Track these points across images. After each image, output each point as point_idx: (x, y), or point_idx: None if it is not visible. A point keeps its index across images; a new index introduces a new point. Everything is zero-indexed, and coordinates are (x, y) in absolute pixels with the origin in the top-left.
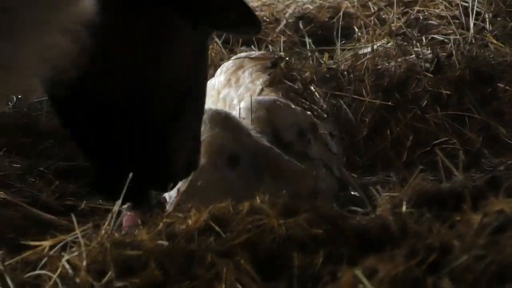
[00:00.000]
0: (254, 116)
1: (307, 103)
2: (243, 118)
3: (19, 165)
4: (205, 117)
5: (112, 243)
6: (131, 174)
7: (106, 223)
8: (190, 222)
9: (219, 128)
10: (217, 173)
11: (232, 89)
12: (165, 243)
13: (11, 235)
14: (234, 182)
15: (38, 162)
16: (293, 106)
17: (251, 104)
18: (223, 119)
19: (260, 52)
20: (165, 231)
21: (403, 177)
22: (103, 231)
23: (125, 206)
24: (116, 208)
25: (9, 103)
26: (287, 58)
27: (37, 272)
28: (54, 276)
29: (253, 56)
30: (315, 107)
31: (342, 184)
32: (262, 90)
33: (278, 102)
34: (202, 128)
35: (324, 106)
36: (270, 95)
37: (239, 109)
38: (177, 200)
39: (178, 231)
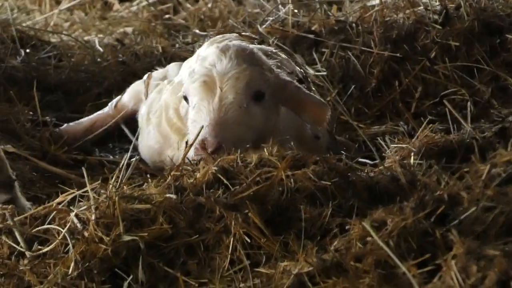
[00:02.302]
0: None
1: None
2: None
3: (28, 117)
4: (230, 52)
5: (120, 197)
6: None
7: (114, 176)
8: (198, 175)
9: (246, 64)
10: (244, 109)
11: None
12: (174, 196)
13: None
14: (259, 116)
15: (46, 114)
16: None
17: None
18: (249, 55)
19: (248, 34)
20: (173, 185)
21: (412, 127)
22: (111, 185)
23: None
24: (124, 161)
25: (18, 57)
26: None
27: (46, 226)
28: (63, 231)
29: (244, 34)
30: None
31: (332, 138)
32: None
33: (276, 51)
34: (227, 63)
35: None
36: None
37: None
38: (187, 151)
39: (186, 185)
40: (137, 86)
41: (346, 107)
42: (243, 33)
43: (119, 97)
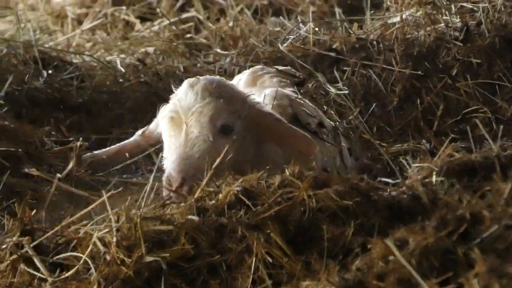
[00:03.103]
0: (276, 103)
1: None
2: (266, 104)
3: (51, 138)
4: (197, 86)
5: (142, 219)
6: None
7: (140, 199)
8: (220, 196)
9: (210, 97)
10: (210, 143)
11: (255, 89)
12: (196, 218)
13: (43, 210)
14: (228, 150)
15: (70, 135)
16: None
17: (276, 93)
18: (216, 88)
19: (288, 68)
20: (195, 206)
21: (434, 146)
22: (133, 207)
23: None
24: (149, 184)
25: (41, 78)
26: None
27: (67, 254)
28: (84, 256)
29: (281, 69)
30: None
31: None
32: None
33: (302, 98)
34: (192, 98)
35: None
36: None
37: (264, 96)
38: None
39: (208, 206)
40: None
41: (368, 126)
42: (282, 68)
43: (147, 126)
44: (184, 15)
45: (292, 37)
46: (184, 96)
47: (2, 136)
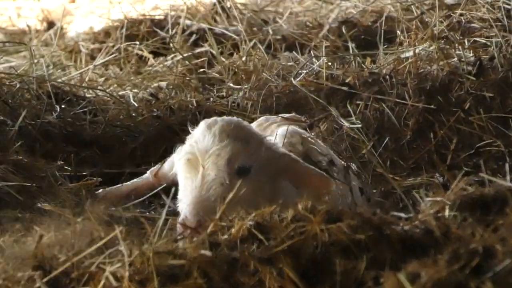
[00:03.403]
0: (286, 141)
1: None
2: (276, 142)
3: (64, 173)
4: (215, 127)
5: (155, 253)
6: None
7: (152, 233)
8: (233, 230)
9: (228, 139)
10: (227, 186)
11: None
12: (208, 252)
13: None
14: (245, 192)
15: (82, 170)
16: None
17: (287, 131)
18: (233, 129)
19: (291, 114)
20: (208, 240)
21: (447, 179)
22: (145, 241)
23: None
24: (162, 218)
25: (54, 112)
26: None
27: None
28: None
29: (285, 116)
30: None
31: None
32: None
33: (314, 137)
34: (209, 140)
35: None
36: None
37: (275, 135)
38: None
39: (221, 240)
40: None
41: (381, 159)
42: (286, 116)
43: (159, 165)
44: (198, 50)
45: (305, 71)
46: (202, 137)
47: (15, 170)
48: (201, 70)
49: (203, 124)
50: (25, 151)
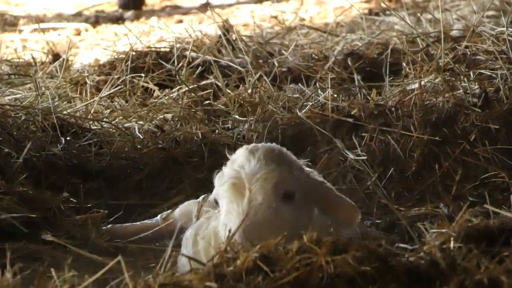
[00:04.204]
0: None
1: None
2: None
3: (69, 205)
4: (259, 152)
5: (160, 285)
6: None
7: (158, 266)
8: (238, 262)
9: (274, 164)
10: (273, 210)
11: None
12: (214, 284)
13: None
14: (289, 217)
15: (87, 202)
16: None
17: None
18: (277, 155)
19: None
20: (213, 272)
21: (452, 210)
22: (151, 273)
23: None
24: (168, 250)
25: (59, 144)
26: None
27: None
28: None
29: None
30: None
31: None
32: None
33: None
34: (256, 164)
35: None
36: None
37: None
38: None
39: (226, 272)
40: (189, 206)
41: (386, 191)
42: None
43: (170, 211)
44: (203, 82)
45: (310, 103)
46: (247, 162)
47: (20, 202)
48: (207, 102)
49: (244, 149)
50: (30, 183)
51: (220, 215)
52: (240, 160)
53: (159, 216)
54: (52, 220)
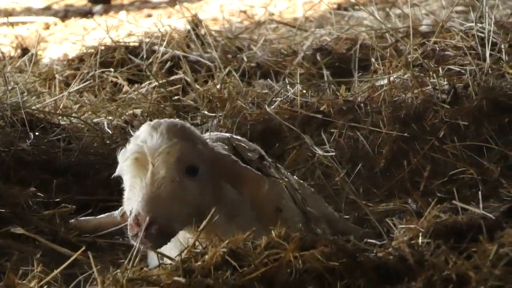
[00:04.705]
0: (214, 138)
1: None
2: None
3: (38, 200)
4: (161, 127)
5: (128, 280)
6: None
7: (126, 261)
8: (207, 257)
9: (177, 138)
10: (177, 184)
11: None
12: (182, 279)
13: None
14: (193, 191)
15: (56, 197)
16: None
17: (210, 133)
18: (180, 130)
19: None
20: (182, 267)
21: (420, 207)
22: (118, 268)
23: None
24: (136, 244)
25: (27, 140)
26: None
27: None
28: None
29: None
30: None
31: (306, 216)
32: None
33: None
34: (158, 138)
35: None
36: None
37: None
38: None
39: (195, 267)
40: None
41: (354, 187)
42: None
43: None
44: (172, 77)
45: (279, 99)
46: (149, 137)
47: None
48: (176, 97)
49: (147, 125)
50: None
51: (124, 190)
52: (142, 136)
53: (119, 210)
54: (21, 215)
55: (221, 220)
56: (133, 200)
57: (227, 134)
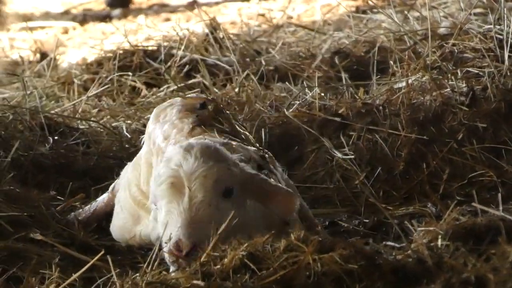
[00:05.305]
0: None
1: (238, 140)
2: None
3: (57, 203)
4: (195, 150)
5: (147, 284)
6: None
7: (145, 264)
8: (226, 260)
9: (212, 161)
10: (214, 207)
11: (158, 125)
12: (201, 282)
13: (48, 275)
14: (229, 213)
15: (75, 201)
16: (239, 144)
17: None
18: (214, 152)
19: (193, 93)
20: (200, 270)
21: (440, 209)
22: (137, 272)
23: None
24: (155, 248)
25: (46, 144)
26: (215, 101)
27: None
28: None
29: (187, 95)
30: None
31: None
32: (193, 128)
33: (227, 143)
34: (194, 162)
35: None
36: (202, 135)
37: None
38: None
39: (214, 270)
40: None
41: (373, 190)
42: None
43: (116, 180)
44: (191, 81)
45: (298, 102)
46: (184, 161)
47: (7, 201)
48: None
49: (178, 148)
50: (18, 182)
51: (159, 215)
52: (176, 159)
53: (110, 188)
54: (39, 219)
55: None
56: (171, 225)
57: (216, 139)
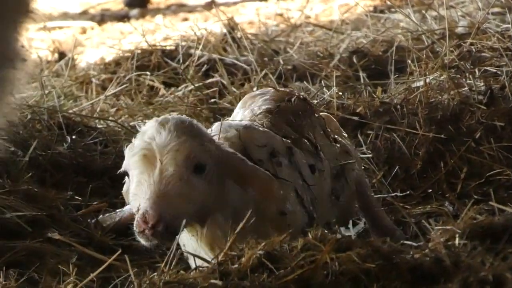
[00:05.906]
0: (222, 136)
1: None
2: (222, 142)
3: (74, 203)
4: (169, 124)
5: (164, 283)
6: None
7: (163, 264)
8: (243, 260)
9: (185, 136)
10: (185, 182)
11: (242, 110)
12: (219, 282)
13: (65, 275)
14: (200, 189)
15: (93, 200)
16: (268, 131)
17: (221, 125)
18: (188, 127)
19: (290, 89)
20: (218, 270)
21: (457, 208)
22: (154, 271)
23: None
24: (173, 247)
25: (64, 143)
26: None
27: None
28: None
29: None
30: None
31: (311, 219)
32: (261, 114)
33: (249, 125)
34: (167, 136)
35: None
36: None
37: (211, 129)
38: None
39: (231, 269)
40: None
41: (391, 189)
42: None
43: None
44: (209, 80)
45: (316, 101)
46: (157, 134)
47: (25, 201)
48: (212, 100)
49: (154, 121)
50: (36, 181)
51: (131, 186)
52: (150, 132)
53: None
54: (57, 218)
55: (221, 221)
56: (140, 196)
57: (237, 123)
